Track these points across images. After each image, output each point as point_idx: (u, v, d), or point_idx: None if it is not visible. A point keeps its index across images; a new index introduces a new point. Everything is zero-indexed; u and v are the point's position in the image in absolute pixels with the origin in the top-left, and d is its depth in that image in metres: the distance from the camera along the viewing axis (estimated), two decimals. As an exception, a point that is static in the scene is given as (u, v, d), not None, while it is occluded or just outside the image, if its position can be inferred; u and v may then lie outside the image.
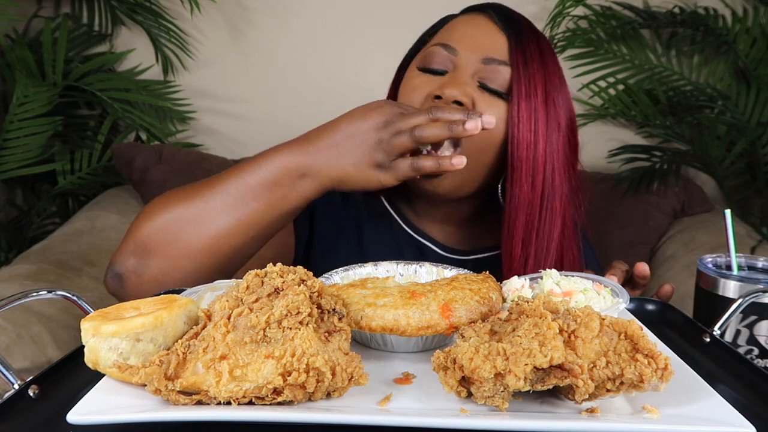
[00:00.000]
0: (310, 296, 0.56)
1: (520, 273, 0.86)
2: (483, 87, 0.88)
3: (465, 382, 0.52)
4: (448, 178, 0.87)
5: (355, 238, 1.01)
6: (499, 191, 0.94)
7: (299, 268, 0.60)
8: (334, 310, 0.58)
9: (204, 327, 0.56)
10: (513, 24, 0.91)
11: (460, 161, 0.77)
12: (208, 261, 0.79)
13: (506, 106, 0.87)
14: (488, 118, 0.76)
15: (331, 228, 1.02)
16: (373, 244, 1.00)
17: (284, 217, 0.82)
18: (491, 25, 0.91)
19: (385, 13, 1.87)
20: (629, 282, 0.89)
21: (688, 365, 0.58)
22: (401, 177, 0.80)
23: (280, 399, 0.50)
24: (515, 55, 0.87)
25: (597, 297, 0.68)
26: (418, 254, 1.00)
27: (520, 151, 0.86)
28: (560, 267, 0.89)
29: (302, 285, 0.57)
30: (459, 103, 0.85)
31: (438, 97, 0.86)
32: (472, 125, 0.74)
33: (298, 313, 0.54)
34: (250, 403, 0.51)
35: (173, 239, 0.78)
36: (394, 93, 1.00)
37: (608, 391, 0.51)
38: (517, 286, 0.70)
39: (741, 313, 0.77)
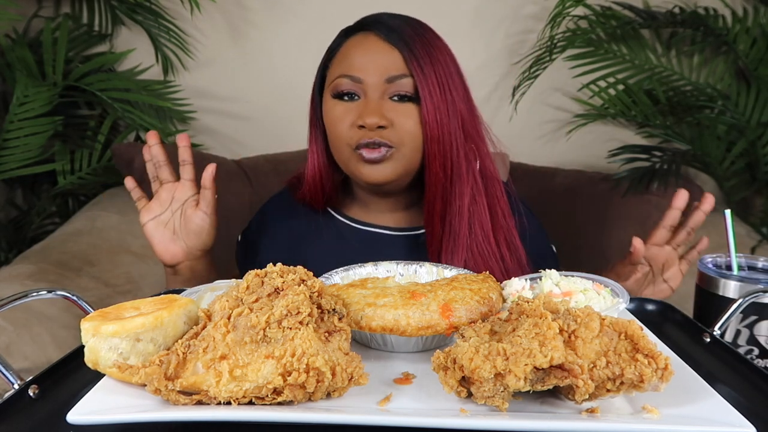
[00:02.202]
0: (310, 296, 0.56)
1: (440, 243, 1.02)
2: (395, 98, 1.00)
3: (465, 382, 0.52)
4: (389, 167, 1.01)
5: (300, 252, 1.13)
6: None
7: (299, 268, 0.60)
8: (334, 310, 0.58)
9: (204, 327, 0.56)
10: (399, 36, 1.01)
11: None
12: None
13: (417, 107, 1.00)
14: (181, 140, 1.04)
15: (276, 251, 1.14)
16: (320, 253, 1.11)
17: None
18: (382, 44, 1.01)
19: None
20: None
21: (688, 365, 0.58)
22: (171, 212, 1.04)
23: (280, 399, 0.50)
24: (411, 64, 0.99)
25: (597, 297, 0.68)
26: (372, 243, 1.10)
27: (432, 147, 1.00)
28: (471, 226, 1.03)
29: (302, 285, 0.57)
30: (382, 126, 0.98)
31: (362, 126, 0.99)
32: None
33: (298, 313, 0.54)
34: (250, 403, 0.51)
35: None
36: (314, 110, 1.10)
37: (608, 391, 0.51)
38: (518, 287, 0.70)
39: (741, 313, 0.77)
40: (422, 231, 1.10)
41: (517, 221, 1.08)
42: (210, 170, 1.02)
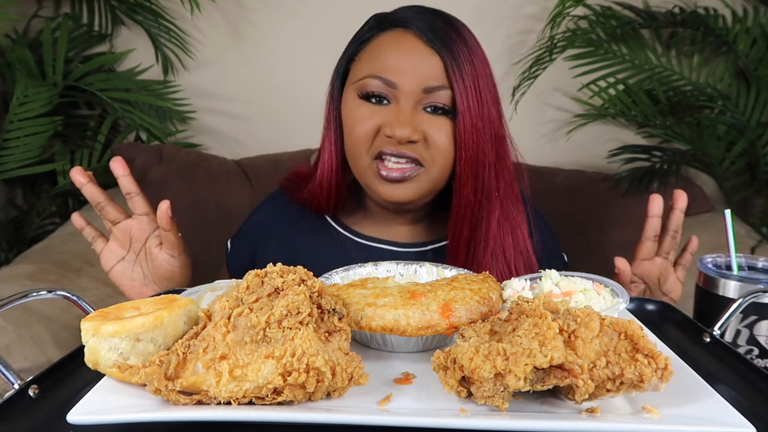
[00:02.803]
0: (310, 296, 0.56)
1: (463, 261, 0.95)
2: (428, 110, 0.92)
3: (465, 382, 0.52)
4: (412, 187, 0.93)
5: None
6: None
7: (299, 268, 0.60)
8: (334, 310, 0.58)
9: (204, 327, 0.55)
10: (441, 39, 0.91)
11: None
12: None
13: (452, 122, 0.92)
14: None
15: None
16: (319, 267, 1.04)
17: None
18: (422, 47, 0.91)
19: (385, 13, 1.88)
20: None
21: (688, 365, 0.58)
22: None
23: (280, 399, 0.50)
24: (452, 75, 0.90)
25: (597, 297, 0.68)
26: (373, 259, 1.01)
27: (465, 168, 0.92)
28: (494, 254, 0.97)
29: (302, 285, 0.57)
30: (412, 141, 0.89)
31: (389, 137, 0.90)
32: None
33: (298, 313, 0.54)
34: (250, 403, 0.51)
35: None
36: (332, 104, 1.01)
37: (608, 391, 0.50)
38: (517, 288, 0.70)
39: (741, 313, 0.77)
40: (430, 247, 1.05)
41: (535, 242, 1.02)
42: (164, 209, 0.87)
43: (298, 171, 1.13)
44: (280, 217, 1.10)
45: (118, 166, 0.88)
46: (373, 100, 0.92)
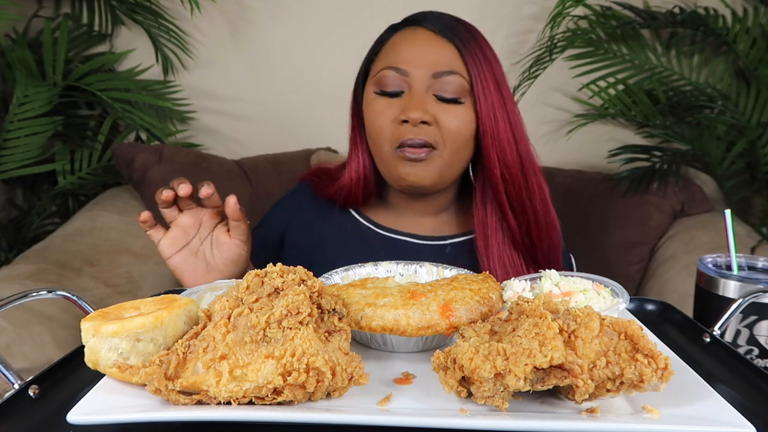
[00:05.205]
0: (310, 296, 0.56)
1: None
2: (439, 98, 0.97)
3: (465, 382, 0.52)
4: (428, 169, 0.98)
5: (324, 255, 1.09)
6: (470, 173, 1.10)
7: (299, 268, 0.60)
8: (334, 310, 0.58)
9: (204, 327, 0.56)
10: (451, 30, 0.99)
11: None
12: None
13: (463, 108, 0.98)
14: (205, 190, 0.90)
15: (299, 251, 1.11)
16: (345, 258, 1.06)
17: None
18: (433, 38, 0.99)
19: (385, 14, 1.88)
20: None
21: (688, 365, 0.58)
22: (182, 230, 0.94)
23: (280, 399, 0.50)
24: (466, 57, 0.97)
25: (597, 297, 0.68)
26: (393, 250, 1.07)
27: (486, 141, 0.99)
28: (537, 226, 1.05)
29: (302, 285, 0.57)
30: (425, 122, 0.95)
31: (405, 121, 0.96)
32: (204, 192, 0.91)
33: (298, 313, 0.54)
34: (250, 403, 0.51)
35: None
36: (356, 105, 1.07)
37: (608, 391, 0.51)
38: (518, 289, 0.70)
39: (741, 313, 0.77)
40: (449, 241, 1.09)
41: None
42: (232, 203, 0.92)
43: (324, 167, 1.17)
44: (307, 207, 1.14)
45: (208, 191, 0.92)
46: (389, 94, 0.98)
